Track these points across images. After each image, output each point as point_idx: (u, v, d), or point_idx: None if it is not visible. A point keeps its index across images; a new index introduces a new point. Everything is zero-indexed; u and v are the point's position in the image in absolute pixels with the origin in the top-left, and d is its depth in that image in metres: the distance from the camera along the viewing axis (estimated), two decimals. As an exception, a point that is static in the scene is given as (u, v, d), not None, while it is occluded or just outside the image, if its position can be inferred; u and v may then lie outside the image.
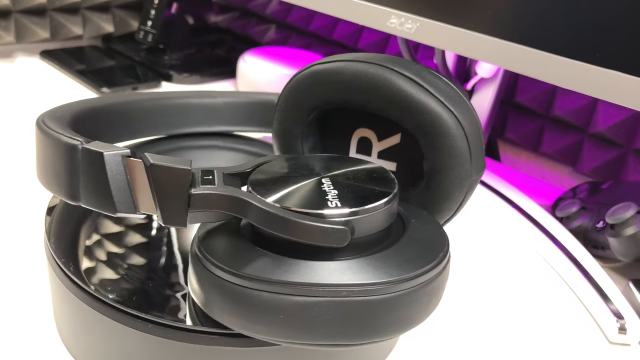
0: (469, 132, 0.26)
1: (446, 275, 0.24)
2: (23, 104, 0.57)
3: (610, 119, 0.52)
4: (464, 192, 0.28)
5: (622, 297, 0.36)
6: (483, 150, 0.28)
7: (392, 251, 0.23)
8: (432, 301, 0.24)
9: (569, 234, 0.42)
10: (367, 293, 0.21)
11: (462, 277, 0.39)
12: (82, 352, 0.28)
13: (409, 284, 0.22)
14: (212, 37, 0.84)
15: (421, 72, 0.27)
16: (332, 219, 0.22)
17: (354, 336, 0.22)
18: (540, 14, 0.39)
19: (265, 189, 0.24)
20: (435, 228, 0.25)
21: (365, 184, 0.25)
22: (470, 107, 0.27)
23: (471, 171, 0.27)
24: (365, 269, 0.22)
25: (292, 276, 0.21)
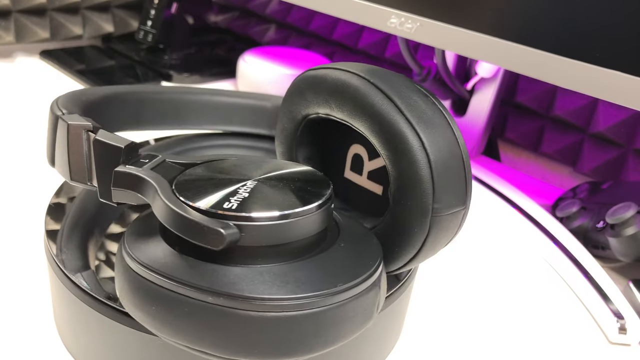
0: (437, 160, 0.23)
1: (369, 299, 0.22)
2: (23, 104, 0.57)
3: (610, 119, 0.52)
4: (425, 228, 0.24)
5: (622, 297, 0.36)
6: (463, 183, 0.24)
7: (302, 264, 0.21)
8: (348, 321, 0.21)
9: (569, 234, 0.42)
10: (248, 307, 0.20)
11: (462, 277, 0.39)
12: (82, 352, 0.28)
13: (297, 304, 0.20)
14: (212, 37, 0.84)
15: (399, 87, 0.24)
16: (219, 219, 0.20)
17: (236, 350, 0.20)
18: (540, 14, 0.39)
19: (185, 183, 0.23)
20: (366, 244, 0.24)
21: (295, 190, 0.23)
22: (451, 133, 0.24)
23: (434, 205, 0.23)
24: (259, 280, 0.20)
25: (183, 274, 0.20)
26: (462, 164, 0.24)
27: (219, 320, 0.20)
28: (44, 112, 0.56)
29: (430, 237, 0.24)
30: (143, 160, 0.24)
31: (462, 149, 0.24)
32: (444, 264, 0.40)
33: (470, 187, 0.25)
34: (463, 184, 0.24)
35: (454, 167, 0.24)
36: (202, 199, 0.21)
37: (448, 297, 0.37)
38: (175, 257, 0.21)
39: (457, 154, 0.24)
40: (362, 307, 0.22)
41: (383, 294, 0.23)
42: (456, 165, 0.24)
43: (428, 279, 0.38)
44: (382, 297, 0.23)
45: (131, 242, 0.22)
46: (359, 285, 0.21)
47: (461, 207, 0.25)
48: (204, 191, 0.22)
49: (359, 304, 0.21)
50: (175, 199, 0.21)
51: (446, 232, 0.25)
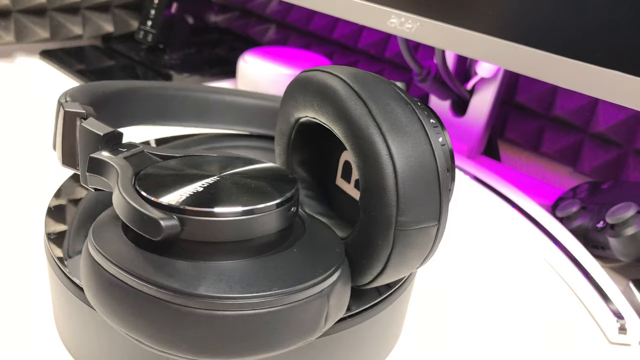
0: (404, 171, 0.22)
1: (311, 308, 0.21)
2: (23, 104, 0.57)
3: (610, 119, 0.52)
4: (388, 242, 0.23)
5: (622, 297, 0.36)
6: (435, 198, 0.23)
7: (246, 264, 0.21)
8: (290, 328, 0.21)
9: (569, 234, 0.42)
10: (178, 300, 0.19)
11: (462, 277, 0.39)
12: (82, 352, 0.28)
13: (225, 304, 0.19)
14: (212, 37, 0.84)
15: (378, 93, 0.24)
16: (163, 210, 0.20)
17: (168, 343, 0.20)
18: (541, 14, 0.39)
19: (148, 174, 0.23)
20: (326, 252, 0.23)
21: (255, 189, 0.23)
22: (427, 143, 0.23)
23: (399, 219, 0.22)
24: (195, 276, 0.20)
25: (129, 263, 0.20)
26: (435, 178, 0.23)
27: (152, 311, 0.20)
28: (44, 112, 0.56)
29: (396, 253, 0.23)
30: (121, 149, 0.24)
31: (439, 161, 0.23)
32: (444, 263, 0.40)
33: (445, 202, 0.23)
34: (435, 199, 0.23)
35: (425, 180, 0.23)
36: (156, 190, 0.21)
37: (448, 297, 0.37)
38: (126, 247, 0.21)
39: (430, 166, 0.23)
40: (301, 316, 0.21)
41: (337, 306, 0.23)
42: (428, 178, 0.23)
43: (428, 279, 0.38)
44: (334, 309, 0.22)
45: (96, 228, 0.23)
46: (298, 293, 0.21)
47: (432, 224, 0.23)
48: (163, 184, 0.22)
49: (297, 312, 0.21)
50: (130, 188, 0.21)
51: (415, 249, 0.23)
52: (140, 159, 0.24)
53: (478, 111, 0.55)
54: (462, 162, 0.52)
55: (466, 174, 0.50)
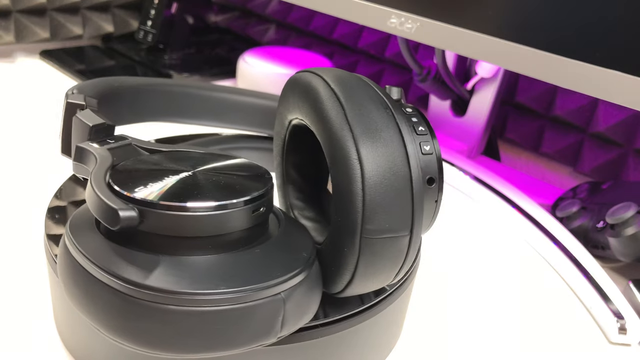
0: (372, 177, 0.21)
1: (261, 311, 0.21)
2: (23, 104, 0.57)
3: (610, 119, 0.52)
4: (354, 250, 0.22)
5: (623, 297, 0.36)
6: (407, 207, 0.22)
7: (202, 260, 0.21)
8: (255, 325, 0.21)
9: (569, 234, 0.42)
10: (132, 292, 0.20)
11: (462, 277, 0.39)
12: (82, 352, 0.28)
13: (175, 298, 0.19)
14: (212, 37, 0.84)
15: (358, 96, 0.23)
16: (125, 201, 0.21)
17: (125, 334, 0.20)
18: (540, 14, 0.39)
19: (125, 166, 0.23)
20: (292, 255, 0.23)
21: (224, 187, 0.22)
22: (402, 151, 0.22)
23: (366, 226, 0.22)
24: (149, 268, 0.20)
25: (94, 254, 0.21)
26: (407, 186, 0.22)
27: (104, 298, 0.20)
28: (44, 112, 0.56)
29: (363, 261, 0.22)
30: (110, 140, 0.25)
31: (414, 170, 0.22)
32: (444, 263, 0.40)
33: (419, 213, 0.22)
34: (407, 209, 0.22)
35: (395, 188, 0.22)
36: (124, 182, 0.21)
37: (448, 297, 0.37)
38: (94, 236, 0.22)
39: (402, 173, 0.22)
40: (250, 318, 0.21)
41: (298, 312, 0.22)
42: (398, 185, 0.22)
43: (428, 279, 0.38)
44: (294, 314, 0.22)
45: (75, 217, 0.23)
46: (248, 293, 0.20)
47: (402, 234, 0.22)
48: (134, 176, 0.22)
49: (245, 314, 0.20)
50: (100, 178, 0.22)
51: (384, 259, 0.23)
52: (126, 151, 0.25)
53: (478, 111, 0.55)
54: (462, 162, 0.52)
55: (466, 174, 0.50)
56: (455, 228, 0.44)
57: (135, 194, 0.21)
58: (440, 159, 0.25)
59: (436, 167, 0.24)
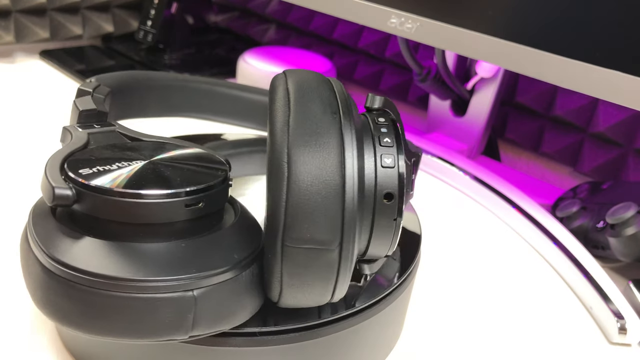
0: (298, 182, 0.20)
1: (171, 307, 0.21)
2: (23, 103, 0.57)
3: (610, 119, 0.52)
4: (277, 257, 0.21)
5: (623, 297, 0.36)
6: (335, 219, 0.21)
7: (132, 247, 0.21)
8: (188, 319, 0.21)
9: (569, 234, 0.42)
10: (66, 275, 0.20)
11: (462, 277, 0.39)
12: (82, 352, 0.28)
13: (97, 282, 0.20)
14: (212, 37, 0.84)
15: (310, 97, 0.22)
16: (67, 181, 0.22)
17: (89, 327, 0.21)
18: (540, 14, 0.39)
19: (90, 150, 0.24)
20: (230, 250, 0.23)
21: (178, 176, 0.23)
22: (338, 159, 0.21)
23: (286, 233, 0.21)
24: (86, 252, 0.21)
25: (39, 234, 0.22)
26: (339, 198, 0.21)
27: (34, 273, 0.21)
28: (43, 112, 0.56)
29: (287, 271, 0.22)
30: (96, 125, 0.26)
31: (348, 180, 0.21)
32: (444, 263, 0.40)
33: (350, 227, 0.21)
34: (336, 221, 0.21)
35: (323, 197, 0.21)
36: (77, 164, 0.22)
37: (448, 297, 0.37)
38: (46, 216, 0.22)
39: (333, 183, 0.21)
40: (154, 310, 0.21)
41: (216, 313, 0.22)
42: (327, 195, 0.21)
43: (428, 278, 0.38)
44: (209, 314, 0.22)
45: (40, 201, 0.24)
46: (152, 284, 0.20)
47: (329, 247, 0.21)
48: (91, 160, 0.23)
49: (149, 305, 0.20)
50: (57, 158, 0.23)
51: (310, 272, 0.22)
52: (107, 137, 0.26)
53: (478, 111, 0.55)
54: (462, 162, 0.52)
55: (466, 174, 0.50)
56: (455, 228, 0.44)
57: (76, 176, 0.22)
58: (404, 175, 0.23)
59: (396, 183, 0.23)
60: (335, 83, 0.24)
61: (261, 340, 0.24)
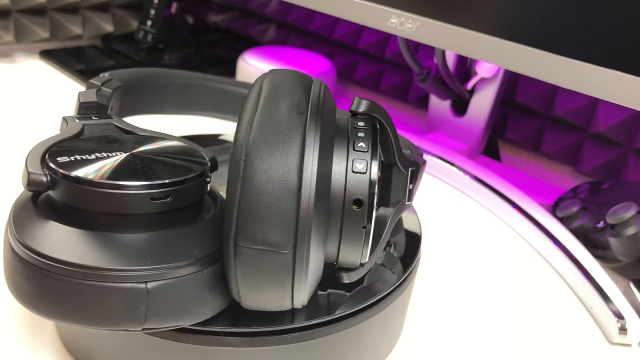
0: (252, 180, 0.20)
1: (121, 297, 0.21)
2: (23, 103, 0.57)
3: (610, 119, 0.52)
4: (229, 255, 0.21)
5: (623, 298, 0.36)
6: (289, 222, 0.20)
7: (94, 235, 0.21)
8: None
9: (570, 234, 0.42)
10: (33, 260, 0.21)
11: (462, 277, 0.39)
12: (82, 352, 0.28)
13: (54, 267, 0.21)
14: (212, 37, 0.84)
15: (280, 95, 0.22)
16: (46, 169, 0.22)
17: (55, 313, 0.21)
18: (541, 14, 0.39)
19: (77, 140, 0.25)
20: (191, 246, 0.22)
21: (153, 170, 0.23)
22: (297, 159, 0.20)
23: (238, 232, 0.20)
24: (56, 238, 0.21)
25: (16, 222, 0.22)
26: (293, 200, 0.20)
27: (7, 257, 0.22)
28: (43, 112, 0.56)
29: (241, 271, 0.21)
30: (94, 117, 0.27)
31: (305, 182, 0.20)
32: (444, 263, 0.40)
33: (305, 231, 0.20)
34: (290, 224, 0.20)
35: (277, 198, 0.20)
36: (59, 153, 0.23)
37: (448, 297, 0.36)
38: (27, 207, 0.23)
39: (288, 184, 0.20)
40: (105, 298, 0.21)
41: (170, 307, 0.22)
42: (281, 196, 0.20)
43: (428, 278, 0.38)
44: (162, 307, 0.21)
45: (24, 193, 0.24)
46: (104, 272, 0.21)
47: (281, 250, 0.20)
48: (75, 150, 0.23)
49: (102, 293, 0.21)
50: (41, 146, 0.24)
51: (263, 274, 0.21)
52: (102, 129, 0.27)
53: (478, 111, 0.55)
54: (462, 162, 0.52)
55: (466, 174, 0.50)
56: (455, 228, 0.44)
57: (52, 163, 0.22)
58: (376, 181, 0.22)
59: (366, 189, 0.22)
60: (317, 84, 0.24)
61: (261, 340, 0.24)
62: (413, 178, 0.26)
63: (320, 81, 0.25)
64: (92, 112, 0.28)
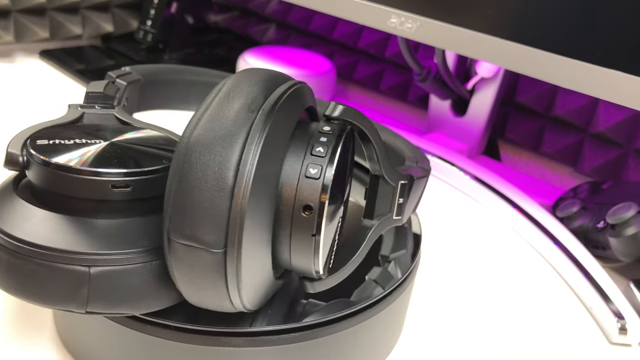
0: (188, 176, 0.20)
1: (62, 277, 0.21)
2: (23, 103, 0.57)
3: (610, 119, 0.52)
4: (165, 250, 0.21)
5: (623, 298, 0.36)
6: (220, 220, 0.20)
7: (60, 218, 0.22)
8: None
9: (570, 234, 0.42)
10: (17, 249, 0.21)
11: (462, 277, 0.39)
12: (82, 352, 0.28)
13: (16, 246, 0.21)
14: (211, 37, 0.84)
15: (238, 96, 0.21)
16: (26, 152, 0.23)
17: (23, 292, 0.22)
18: (541, 14, 0.39)
19: (65, 126, 0.26)
20: (141, 236, 0.23)
21: (127, 159, 0.23)
22: (236, 157, 0.20)
23: (170, 225, 0.20)
24: (20, 218, 0.22)
25: None
26: (227, 197, 0.20)
27: None
28: (43, 112, 0.56)
29: (175, 266, 0.21)
30: (97, 106, 0.28)
31: (239, 181, 0.20)
32: (444, 263, 0.40)
33: (236, 231, 0.20)
34: (220, 223, 0.20)
35: (209, 195, 0.20)
36: (43, 136, 0.24)
37: (448, 297, 0.36)
38: (5, 190, 0.24)
39: (223, 182, 0.20)
40: (50, 279, 0.21)
41: (110, 293, 0.22)
42: (213, 194, 0.20)
43: (428, 278, 0.38)
44: (103, 292, 0.22)
45: (9, 177, 0.25)
46: (49, 252, 0.21)
47: (211, 248, 0.20)
48: (58, 135, 0.24)
49: (46, 273, 0.21)
50: (28, 130, 0.24)
51: (196, 272, 0.21)
52: (101, 118, 0.28)
53: (478, 111, 0.55)
54: (462, 162, 0.52)
55: (466, 174, 0.50)
56: (455, 228, 0.44)
57: (30, 145, 0.23)
58: (329, 187, 0.21)
59: (317, 195, 0.21)
60: (286, 86, 0.23)
61: (261, 340, 0.24)
62: (404, 192, 0.26)
63: (297, 83, 0.24)
64: (97, 101, 0.29)
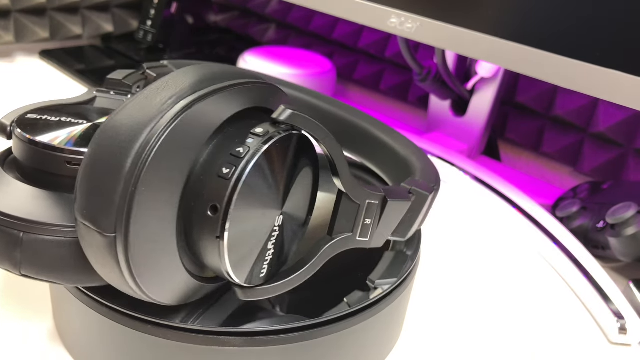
0: (93, 155, 0.20)
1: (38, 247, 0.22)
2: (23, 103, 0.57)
3: (610, 119, 0.52)
4: (76, 227, 0.21)
5: (623, 297, 0.36)
6: (113, 204, 0.19)
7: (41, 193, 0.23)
8: None
9: (570, 234, 0.42)
10: None
11: (462, 277, 0.39)
12: (82, 352, 0.28)
13: None
14: (212, 37, 0.84)
15: (176, 85, 0.21)
16: (14, 131, 0.24)
17: None
18: (541, 14, 0.39)
19: (61, 105, 0.27)
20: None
21: None
22: (129, 146, 0.20)
23: (76, 204, 0.21)
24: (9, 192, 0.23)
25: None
26: (120, 183, 0.19)
27: None
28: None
29: (82, 243, 0.21)
30: (113, 92, 0.29)
31: (131, 168, 0.19)
32: (444, 263, 0.40)
33: (122, 217, 0.19)
34: (111, 207, 0.19)
35: (105, 178, 0.20)
36: (35, 112, 0.25)
37: (448, 297, 0.36)
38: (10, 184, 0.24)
39: (118, 168, 0.19)
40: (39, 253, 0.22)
41: (44, 261, 0.22)
42: (109, 178, 0.19)
43: (428, 278, 0.38)
44: (34, 258, 0.22)
45: None
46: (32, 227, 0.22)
47: (102, 231, 0.20)
48: (49, 113, 0.26)
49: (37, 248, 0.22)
50: (24, 108, 0.26)
51: (92, 251, 0.21)
52: (113, 103, 0.29)
53: (478, 111, 0.55)
54: (462, 162, 0.52)
55: (466, 174, 0.50)
56: (455, 228, 0.44)
57: (15, 124, 0.24)
58: (238, 189, 0.20)
59: (225, 196, 0.20)
60: (237, 82, 0.22)
61: (261, 340, 0.24)
62: (373, 213, 0.24)
63: (252, 83, 0.23)
64: (116, 87, 0.30)
